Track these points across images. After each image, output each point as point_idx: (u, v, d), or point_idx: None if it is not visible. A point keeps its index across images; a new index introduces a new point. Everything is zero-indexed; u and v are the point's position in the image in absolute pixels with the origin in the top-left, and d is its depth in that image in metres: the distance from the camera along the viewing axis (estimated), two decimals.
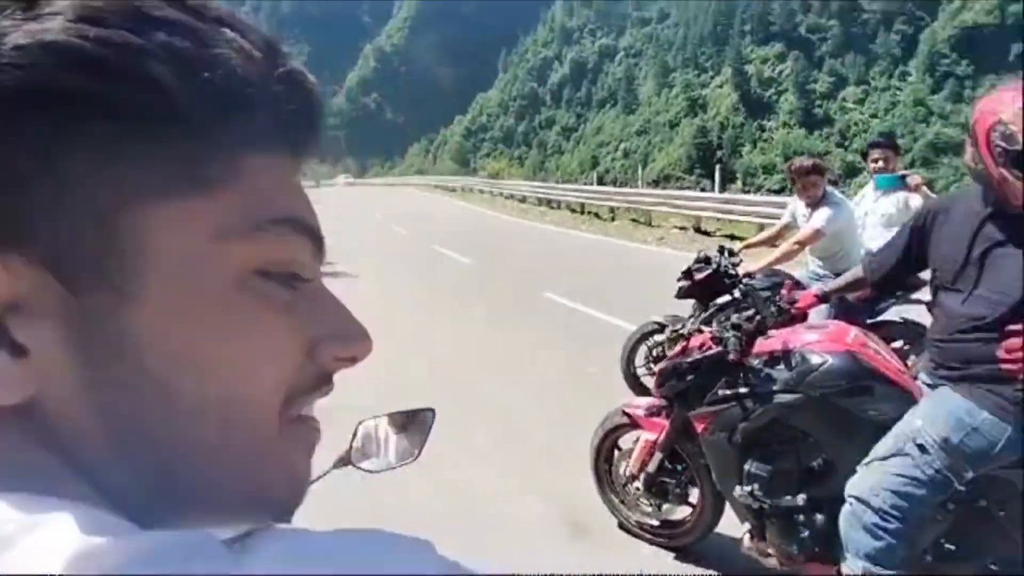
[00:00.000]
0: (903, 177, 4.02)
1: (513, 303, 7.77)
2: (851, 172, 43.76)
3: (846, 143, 61.83)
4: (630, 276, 9.61)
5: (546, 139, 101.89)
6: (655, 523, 2.71)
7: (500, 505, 3.12)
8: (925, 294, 2.27)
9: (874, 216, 4.06)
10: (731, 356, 2.09)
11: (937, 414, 1.82)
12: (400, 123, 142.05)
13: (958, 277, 1.84)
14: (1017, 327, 1.72)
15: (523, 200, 23.95)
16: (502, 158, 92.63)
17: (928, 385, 1.97)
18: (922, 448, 1.79)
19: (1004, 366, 1.75)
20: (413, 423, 0.71)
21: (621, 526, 2.84)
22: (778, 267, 3.94)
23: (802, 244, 3.84)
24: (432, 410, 0.72)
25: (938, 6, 66.43)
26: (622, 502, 2.81)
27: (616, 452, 2.81)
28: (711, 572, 2.55)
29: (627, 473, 2.71)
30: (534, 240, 14.56)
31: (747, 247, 4.21)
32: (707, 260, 2.49)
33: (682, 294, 2.43)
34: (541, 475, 3.42)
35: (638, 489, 2.64)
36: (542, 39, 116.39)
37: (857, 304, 3.28)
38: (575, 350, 5.72)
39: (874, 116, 64.18)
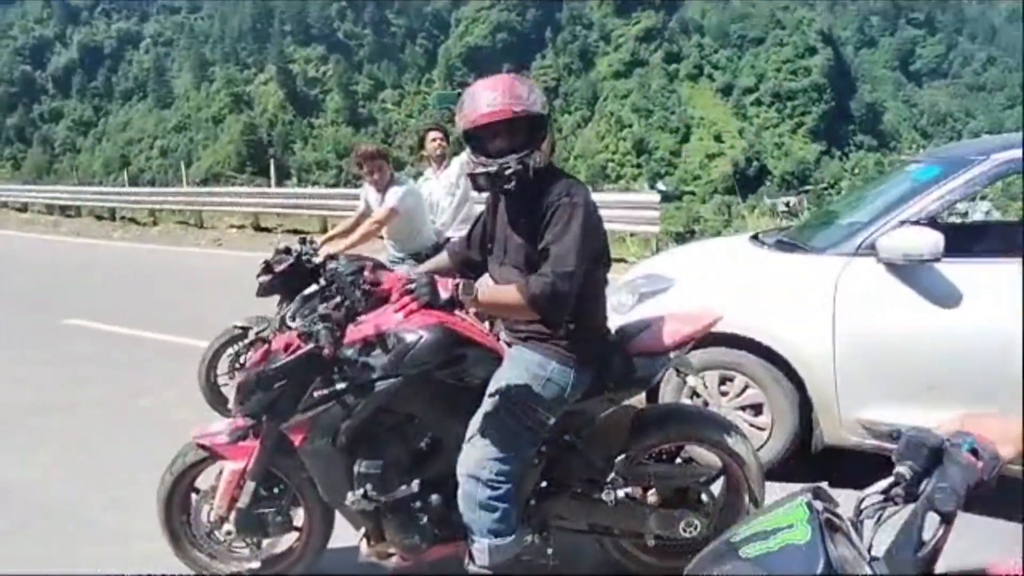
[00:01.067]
0: (458, 94, 4.32)
1: (18, 340, 5.87)
2: (399, 166, 48.13)
3: (389, 140, 67.69)
4: (184, 285, 8.44)
5: (52, 135, 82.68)
6: (256, 565, 2.27)
7: None
8: None
9: (439, 191, 4.29)
10: (325, 350, 1.82)
11: (516, 372, 1.94)
12: None
13: (499, 250, 2.01)
14: None
15: (24, 209, 18.89)
16: None
17: (508, 344, 2.08)
18: (510, 412, 1.89)
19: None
20: None
21: None
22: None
23: (380, 223, 3.83)
24: None
25: (448, 28, 78.31)
26: (211, 555, 2.28)
27: (194, 496, 2.27)
28: None
29: (212, 518, 2.20)
30: (45, 256, 11.55)
31: (329, 239, 3.98)
32: (287, 251, 2.16)
33: (263, 291, 2.05)
34: (84, 558, 2.57)
35: (229, 533, 2.16)
36: (35, 15, 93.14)
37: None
38: (118, 383, 4.63)
39: (410, 116, 71.90)
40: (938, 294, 2.53)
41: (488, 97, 1.81)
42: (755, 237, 3.50)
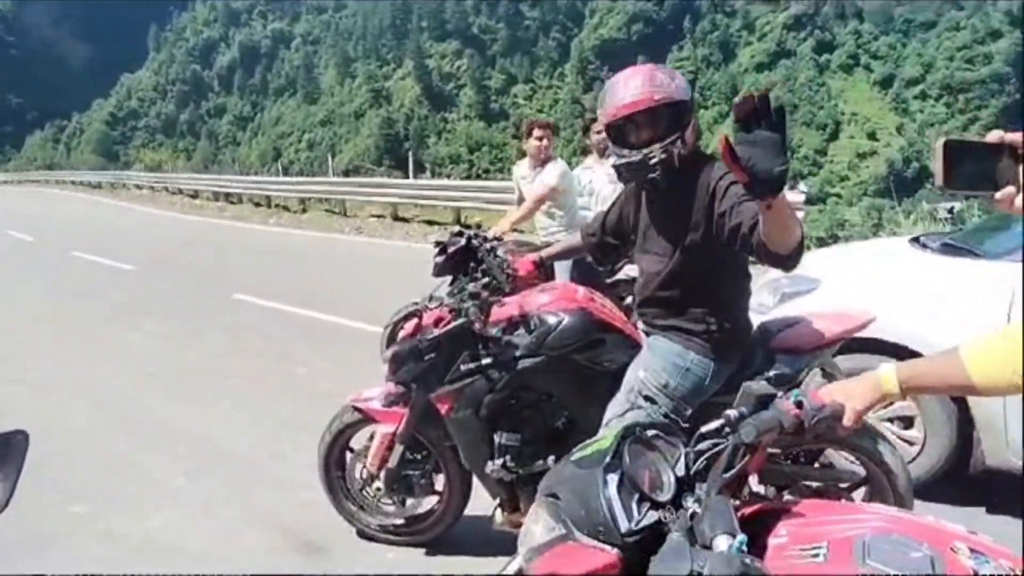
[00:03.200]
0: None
1: (193, 311, 6.62)
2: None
3: (520, 135, 68.84)
4: (329, 268, 9.15)
5: (217, 128, 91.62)
6: (400, 522, 2.48)
7: (213, 547, 2.57)
8: None
9: (601, 179, 4.12)
10: (476, 325, 1.95)
11: (655, 362, 1.95)
12: (13, 107, 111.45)
13: (641, 239, 2.02)
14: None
15: (195, 196, 21.17)
16: (163, 149, 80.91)
17: (646, 333, 2.11)
18: (649, 399, 1.91)
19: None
20: None
21: (361, 534, 2.55)
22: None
23: (540, 199, 3.96)
24: (24, 433, 0.56)
25: (583, 20, 78.01)
26: (361, 508, 2.52)
27: (348, 454, 2.50)
28: (465, 559, 2.42)
29: (364, 475, 2.43)
30: (214, 238, 12.83)
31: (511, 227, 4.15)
32: (460, 233, 2.33)
33: (438, 271, 2.23)
34: (256, 500, 2.93)
35: (379, 490, 2.38)
36: (203, 18, 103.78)
37: (595, 266, 3.43)
38: (277, 352, 5.14)
39: (540, 111, 72.65)
40: None
41: (628, 88, 1.82)
42: (916, 240, 3.26)
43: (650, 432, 1.18)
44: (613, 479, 1.07)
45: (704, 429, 1.13)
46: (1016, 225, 3.02)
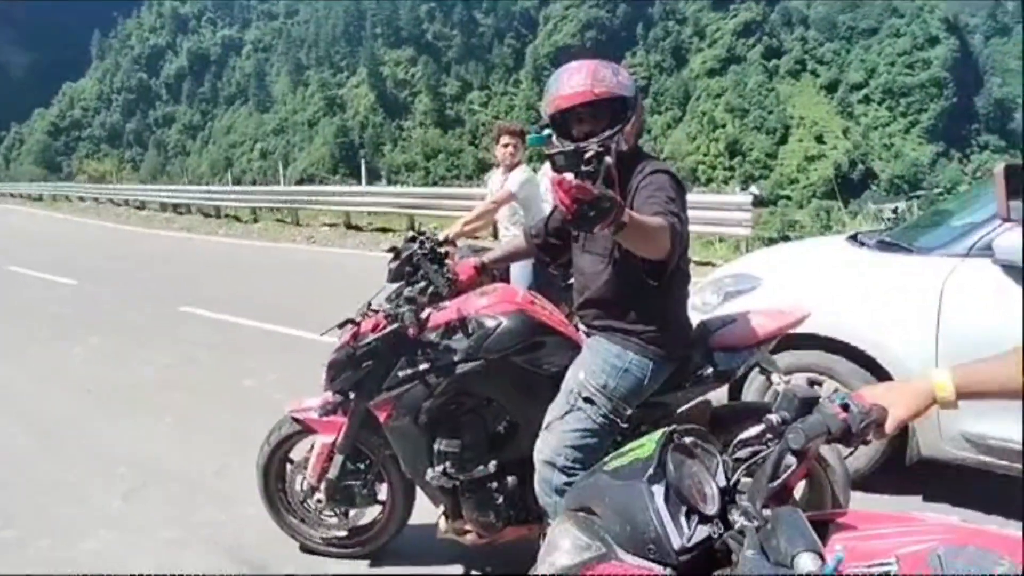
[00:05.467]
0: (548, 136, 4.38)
1: (137, 325, 6.39)
2: (483, 168, 48.73)
3: (476, 141, 68.89)
4: (280, 278, 8.95)
5: (165, 138, 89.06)
6: (343, 534, 2.42)
7: (149, 571, 2.45)
8: None
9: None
10: (410, 331, 1.91)
11: (594, 363, 1.94)
12: None
13: (583, 238, 2.00)
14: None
15: (142, 207, 20.52)
16: (108, 160, 78.18)
17: (586, 334, 2.10)
18: (589, 400, 1.90)
19: None
20: None
21: (304, 548, 2.48)
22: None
23: (497, 204, 3.99)
24: None
25: (537, 27, 78.56)
26: (303, 520, 2.45)
27: (289, 466, 2.43)
28: (409, 570, 2.38)
29: (304, 487, 2.36)
30: (161, 250, 12.44)
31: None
32: (414, 239, 2.28)
33: (392, 276, 2.18)
34: (198, 519, 2.82)
35: (320, 501, 2.31)
36: (149, 24, 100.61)
37: (553, 270, 3.44)
38: (225, 365, 4.99)
39: (496, 117, 72.83)
40: None
41: (570, 81, 1.83)
42: (853, 237, 3.34)
43: (687, 438, 1.09)
44: (659, 491, 0.98)
45: (743, 435, 1.06)
46: (946, 222, 3.13)
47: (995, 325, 2.43)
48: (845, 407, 0.99)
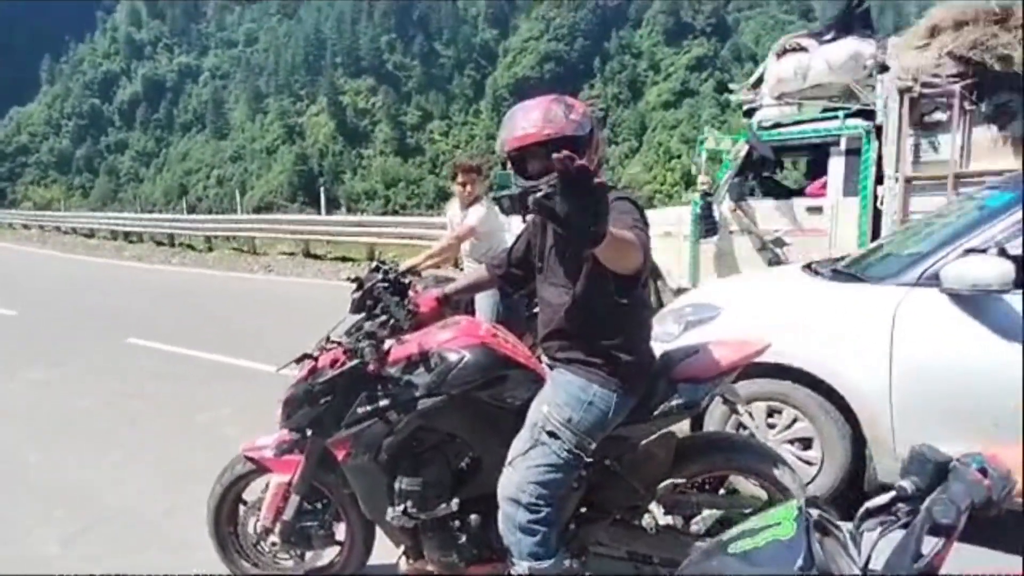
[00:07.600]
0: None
1: (81, 357, 6.14)
2: (443, 196, 48.79)
3: (436, 170, 69.00)
4: (236, 308, 8.72)
5: (118, 165, 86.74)
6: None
7: None
8: None
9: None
10: (370, 367, 1.86)
11: (557, 396, 1.92)
12: None
13: (544, 269, 2.00)
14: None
15: (91, 235, 19.86)
16: (55, 186, 75.59)
17: (549, 367, 2.08)
18: (552, 435, 1.87)
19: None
20: None
21: None
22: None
23: (459, 239, 3.96)
24: None
25: (496, 59, 79.88)
26: (255, 564, 2.34)
27: (242, 507, 2.32)
28: None
29: (259, 529, 2.25)
30: (109, 280, 12.02)
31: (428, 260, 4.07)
32: (377, 268, 2.23)
33: (355, 307, 2.12)
34: (143, 564, 2.66)
35: (274, 544, 2.21)
36: (103, 50, 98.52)
37: (517, 297, 3.44)
38: (176, 399, 4.80)
39: (457, 147, 73.25)
40: (1006, 326, 2.41)
41: (522, 121, 1.83)
42: (808, 267, 3.43)
43: (814, 510, 0.95)
44: None
45: (871, 504, 0.95)
46: (896, 252, 3.24)
47: (945, 351, 2.52)
48: (983, 471, 0.90)
